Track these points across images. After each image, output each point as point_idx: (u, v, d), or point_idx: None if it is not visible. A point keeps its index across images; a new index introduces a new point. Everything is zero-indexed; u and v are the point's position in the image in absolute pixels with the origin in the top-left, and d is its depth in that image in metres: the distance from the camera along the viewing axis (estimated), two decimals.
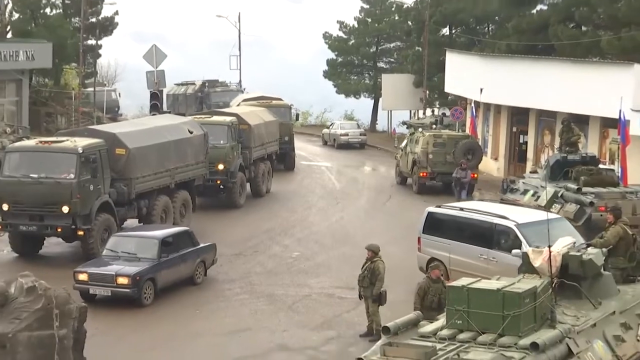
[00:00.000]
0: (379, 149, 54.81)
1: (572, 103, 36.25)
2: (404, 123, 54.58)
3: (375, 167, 47.44)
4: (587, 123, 36.23)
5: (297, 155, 45.54)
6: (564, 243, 14.61)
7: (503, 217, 20.60)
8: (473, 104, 45.08)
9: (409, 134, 40.96)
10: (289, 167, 43.98)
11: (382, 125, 66.58)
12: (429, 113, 56.59)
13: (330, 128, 58.37)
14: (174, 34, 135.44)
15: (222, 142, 32.89)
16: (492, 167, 44.53)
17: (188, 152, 29.34)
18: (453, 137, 38.35)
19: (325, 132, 58.53)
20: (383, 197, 37.63)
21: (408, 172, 38.85)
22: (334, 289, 22.92)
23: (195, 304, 21.58)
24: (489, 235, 20.54)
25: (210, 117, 35.24)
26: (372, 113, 68.12)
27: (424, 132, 38.75)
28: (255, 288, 23.15)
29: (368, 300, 19.01)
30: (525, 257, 14.28)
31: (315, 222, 32.12)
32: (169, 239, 22.17)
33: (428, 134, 38.05)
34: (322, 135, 58.84)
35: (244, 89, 58.43)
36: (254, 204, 34.77)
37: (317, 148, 55.60)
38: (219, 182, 32.76)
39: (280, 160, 42.06)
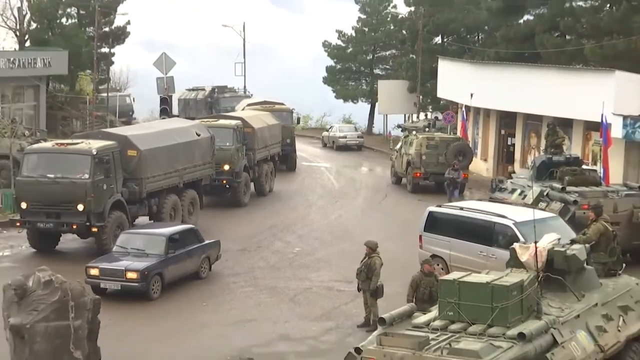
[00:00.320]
0: (376, 151, 54.76)
1: (557, 107, 36.23)
2: (399, 126, 54.66)
3: (372, 167, 47.42)
4: (571, 126, 36.23)
5: (298, 157, 45.51)
6: (549, 239, 14.62)
7: (502, 216, 20.50)
8: (464, 108, 45.06)
9: (404, 137, 40.95)
10: (291, 167, 43.95)
11: (378, 128, 66.52)
12: (423, 117, 56.60)
13: (330, 131, 58.32)
14: (183, 42, 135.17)
15: (227, 144, 32.87)
16: (481, 167, 44.51)
17: (196, 153, 29.31)
18: (445, 139, 38.31)
19: (325, 134, 58.49)
20: (379, 196, 37.61)
21: (403, 172, 38.81)
22: (333, 283, 22.91)
23: (202, 297, 21.55)
24: (489, 233, 20.42)
25: (217, 120, 35.19)
26: (368, 117, 68.08)
27: (418, 134, 38.76)
28: (259, 281, 23.13)
29: (366, 293, 19.00)
30: (513, 252, 14.30)
31: (316, 219, 32.10)
32: (176, 236, 22.10)
33: (421, 137, 38.04)
34: (321, 138, 58.79)
35: (251, 95, 58.27)
36: (258, 203, 34.76)
37: (317, 150, 55.56)
38: (225, 181, 32.72)
39: (283, 161, 42.03)
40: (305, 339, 18.52)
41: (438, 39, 59.27)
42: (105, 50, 59.73)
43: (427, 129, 41.13)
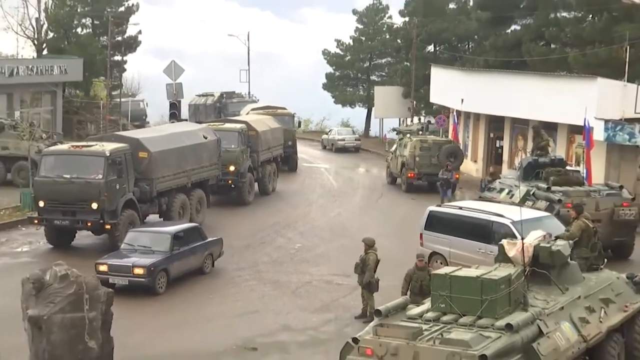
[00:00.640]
0: (372, 153, 54.72)
1: (542, 112, 36.20)
2: (394, 129, 54.48)
3: (369, 168, 47.40)
4: (555, 130, 36.21)
5: (299, 158, 45.47)
6: (535, 236, 14.62)
7: (500, 215, 20.43)
8: (455, 113, 45.03)
9: (398, 139, 40.91)
10: (292, 168, 43.92)
11: (374, 132, 66.47)
12: (416, 121, 56.53)
13: (329, 134, 58.28)
14: (191, 51, 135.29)
15: (233, 146, 32.87)
16: (471, 168, 44.49)
17: (203, 155, 29.31)
18: (437, 142, 38.29)
19: (324, 137, 58.44)
20: (376, 195, 37.59)
21: (397, 173, 38.79)
22: (332, 277, 22.88)
23: (209, 291, 21.52)
24: (487, 232, 20.31)
25: (223, 124, 35.19)
26: (365, 121, 68.04)
27: (412, 137, 38.70)
28: (263, 275, 23.12)
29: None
30: (501, 248, 14.29)
31: (316, 217, 32.08)
32: (180, 234, 21.97)
33: (415, 139, 37.99)
34: (321, 140, 58.73)
35: (258, 100, 58.12)
36: (261, 201, 34.75)
37: (317, 152, 55.52)
38: (230, 181, 32.71)
39: (285, 163, 42.01)
40: (306, 330, 18.51)
41: (431, 48, 59.32)
42: (118, 58, 59.70)
43: (420, 132, 41.06)
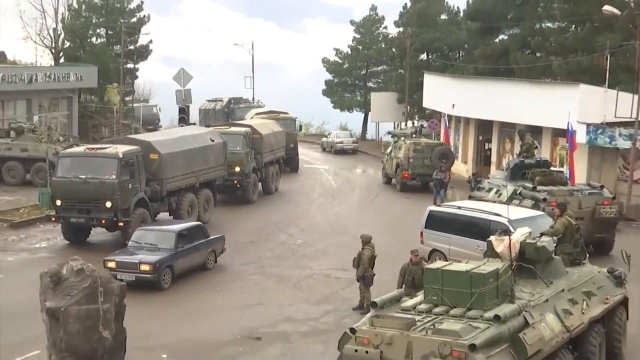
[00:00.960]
0: (369, 155, 54.65)
1: (528, 116, 36.24)
2: (389, 133, 54.37)
3: (366, 169, 47.37)
4: (540, 133, 36.24)
5: (300, 160, 45.45)
6: (522, 232, 14.62)
7: (497, 214, 20.36)
8: (446, 117, 45.03)
9: (393, 142, 40.89)
10: (294, 169, 43.89)
11: (371, 135, 66.44)
12: (410, 124, 56.40)
13: (328, 137, 58.23)
14: (198, 58, 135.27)
15: (238, 148, 32.86)
16: (462, 169, 44.48)
17: (210, 156, 29.30)
18: (430, 144, 38.29)
19: (324, 140, 58.39)
20: (372, 194, 37.58)
21: (392, 173, 38.79)
22: (331, 271, 22.90)
23: (215, 284, 21.52)
24: (486, 230, 20.19)
25: (229, 128, 35.17)
26: (362, 124, 67.97)
27: (406, 140, 38.68)
28: (266, 270, 23.13)
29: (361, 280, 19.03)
30: (489, 244, 14.28)
31: (316, 215, 32.07)
32: (185, 232, 21.88)
33: (409, 142, 37.99)
34: (321, 143, 58.66)
35: (264, 105, 57.99)
36: (265, 200, 34.73)
37: (317, 153, 55.47)
38: (236, 181, 32.70)
39: (287, 164, 41.92)
40: (307, 320, 18.51)
41: (423, 56, 59.29)
42: (130, 66, 59.70)
43: (414, 135, 40.99)
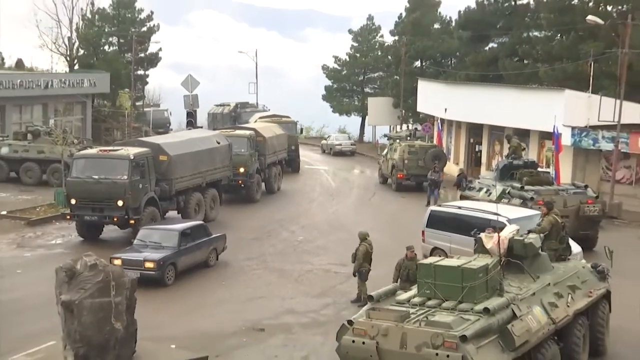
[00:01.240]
0: (366, 156, 54.63)
1: (516, 120, 36.25)
2: (385, 135, 54.41)
3: (363, 170, 47.34)
4: (528, 136, 36.26)
5: (301, 161, 45.44)
6: (510, 230, 14.62)
7: (497, 214, 20.35)
8: (439, 121, 45.07)
9: (389, 144, 40.89)
10: (295, 170, 43.88)
11: (368, 137, 66.45)
12: (405, 128, 56.45)
13: (328, 139, 58.15)
14: (205, 65, 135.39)
15: (243, 150, 32.85)
16: (454, 170, 44.40)
17: (216, 158, 29.30)
18: (423, 146, 38.28)
19: (324, 142, 58.33)
20: (369, 193, 37.57)
21: (388, 174, 38.79)
22: (331, 266, 22.89)
23: (221, 278, 21.52)
24: (485, 229, 20.20)
25: (234, 131, 35.15)
26: (360, 128, 68.00)
27: (401, 142, 38.68)
28: (269, 265, 23.13)
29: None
30: (479, 241, 14.29)
31: (316, 213, 32.07)
32: (187, 231, 21.73)
33: (404, 144, 37.99)
34: (321, 145, 58.62)
35: (269, 109, 57.94)
36: (268, 199, 34.73)
37: (317, 155, 55.45)
38: (240, 182, 32.69)
39: (289, 165, 41.95)
40: (308, 313, 18.51)
41: (418, 63, 59.28)
42: (141, 72, 59.80)
43: (408, 138, 41.01)
